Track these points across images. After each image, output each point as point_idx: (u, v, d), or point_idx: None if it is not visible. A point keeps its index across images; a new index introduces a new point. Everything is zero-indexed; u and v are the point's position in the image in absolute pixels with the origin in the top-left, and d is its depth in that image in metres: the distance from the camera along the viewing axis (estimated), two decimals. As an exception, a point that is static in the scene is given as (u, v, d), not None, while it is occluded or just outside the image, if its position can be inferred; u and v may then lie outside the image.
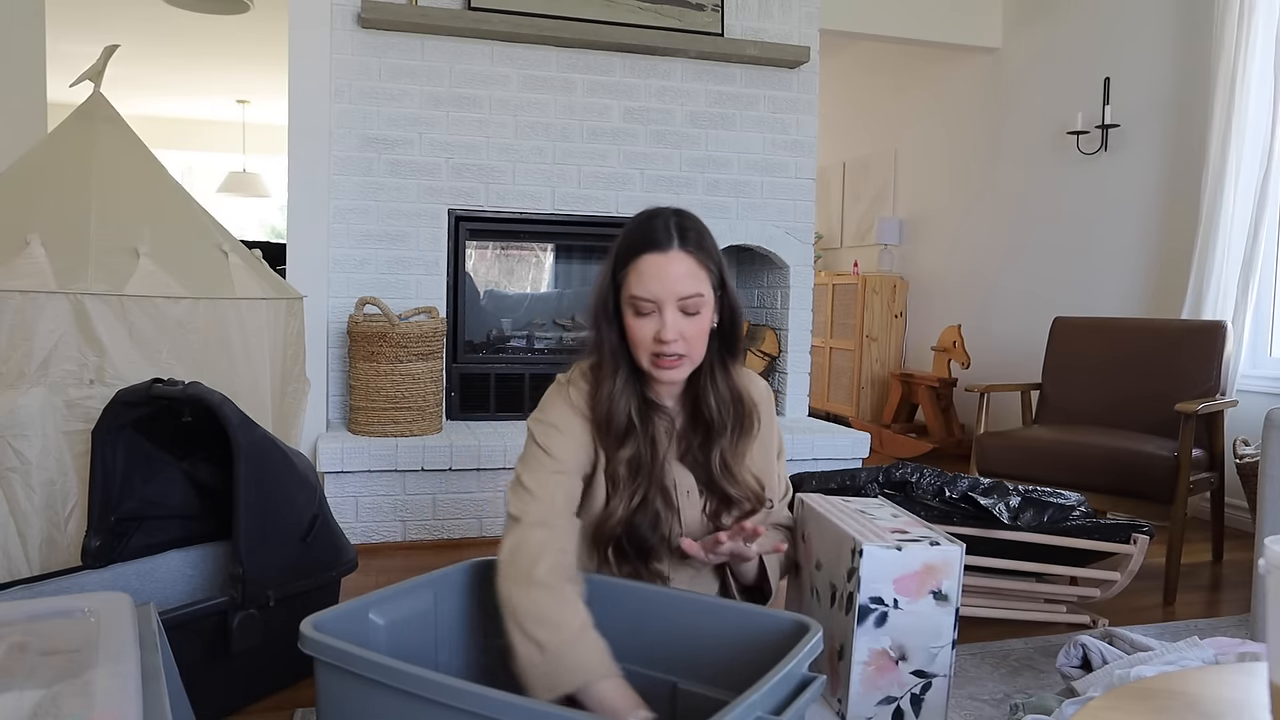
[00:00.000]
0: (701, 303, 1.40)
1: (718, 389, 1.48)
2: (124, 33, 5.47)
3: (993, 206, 4.78)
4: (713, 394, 1.47)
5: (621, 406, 1.43)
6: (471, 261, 3.61)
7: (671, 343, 1.37)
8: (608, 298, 1.44)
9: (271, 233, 8.23)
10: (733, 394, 1.50)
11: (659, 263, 1.37)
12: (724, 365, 1.49)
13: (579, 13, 3.39)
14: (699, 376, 1.48)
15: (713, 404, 1.47)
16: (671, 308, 1.38)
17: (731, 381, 1.50)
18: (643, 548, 1.45)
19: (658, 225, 1.40)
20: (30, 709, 0.82)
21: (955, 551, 1.54)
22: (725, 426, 1.48)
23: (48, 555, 1.93)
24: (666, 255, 1.38)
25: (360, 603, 1.28)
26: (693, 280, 1.38)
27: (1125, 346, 3.13)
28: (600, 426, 1.44)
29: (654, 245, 1.38)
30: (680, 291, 1.37)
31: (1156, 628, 2.25)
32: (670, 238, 1.39)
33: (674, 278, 1.37)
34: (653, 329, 1.38)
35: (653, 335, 1.38)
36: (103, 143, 2.22)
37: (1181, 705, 0.98)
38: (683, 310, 1.38)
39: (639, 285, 1.38)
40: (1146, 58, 3.85)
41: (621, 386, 1.44)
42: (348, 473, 2.92)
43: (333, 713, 1.14)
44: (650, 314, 1.38)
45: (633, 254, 1.40)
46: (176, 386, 1.72)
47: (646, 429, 1.46)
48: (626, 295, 1.40)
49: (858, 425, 4.58)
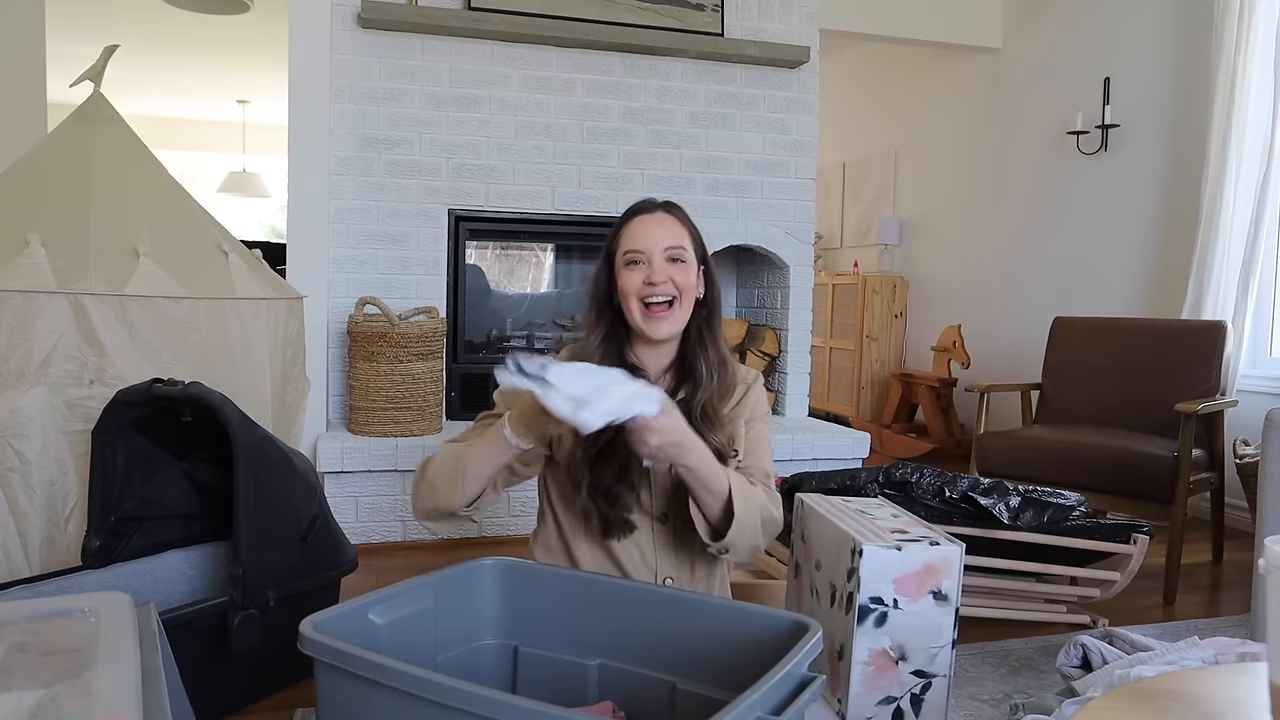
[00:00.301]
0: (685, 255, 1.55)
1: (706, 351, 1.59)
2: (124, 33, 5.47)
3: (993, 206, 4.78)
4: (701, 356, 1.58)
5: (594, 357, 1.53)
6: (472, 259, 3.61)
7: (660, 284, 1.51)
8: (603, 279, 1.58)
9: (271, 233, 8.23)
10: (719, 356, 1.60)
11: (647, 221, 1.56)
12: (711, 329, 1.61)
13: (579, 13, 3.39)
14: (688, 339, 1.59)
15: (701, 365, 1.58)
16: (659, 256, 1.52)
17: (719, 346, 1.61)
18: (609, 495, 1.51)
19: (646, 201, 1.61)
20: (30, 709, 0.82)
21: (955, 551, 1.54)
22: (711, 378, 1.57)
23: (48, 555, 1.93)
24: (654, 215, 1.57)
25: (360, 603, 1.28)
26: (677, 236, 1.55)
27: (1125, 347, 3.13)
28: None
29: (643, 210, 1.59)
30: (666, 242, 1.53)
31: (1156, 628, 2.25)
32: (656, 205, 1.60)
33: (660, 233, 1.54)
34: (642, 275, 1.52)
35: (643, 280, 1.52)
36: (103, 143, 2.22)
37: (1181, 705, 0.98)
38: (669, 259, 1.53)
39: (629, 240, 1.54)
40: (1146, 58, 3.85)
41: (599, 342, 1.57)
42: (348, 473, 2.92)
43: (332, 713, 1.14)
44: (640, 264, 1.53)
45: (625, 220, 1.58)
46: (176, 386, 1.72)
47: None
48: (619, 255, 1.55)
49: (858, 425, 4.58)
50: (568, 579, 1.40)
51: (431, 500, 1.45)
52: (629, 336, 1.58)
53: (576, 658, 1.36)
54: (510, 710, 0.98)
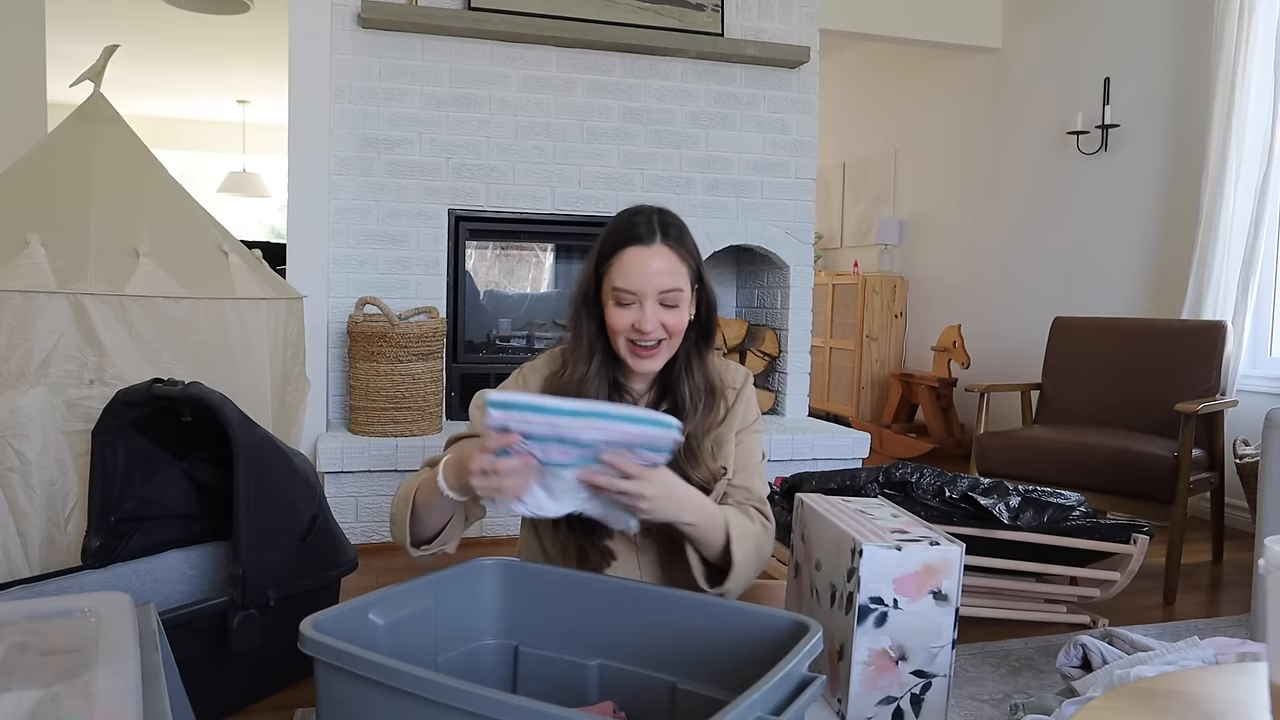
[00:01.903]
0: (680, 297, 1.45)
1: (692, 378, 1.52)
2: (124, 33, 5.47)
3: (993, 206, 4.78)
4: (687, 383, 1.51)
5: (589, 392, 1.48)
6: (471, 261, 3.61)
7: (651, 332, 1.42)
8: (589, 288, 1.49)
9: (271, 233, 8.23)
10: (706, 383, 1.53)
11: (641, 256, 1.42)
12: (699, 355, 1.53)
13: (579, 13, 3.39)
14: (674, 365, 1.52)
15: (686, 392, 1.51)
16: (652, 300, 1.42)
17: (706, 371, 1.54)
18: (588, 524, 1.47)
19: (640, 221, 1.45)
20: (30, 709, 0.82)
21: (955, 551, 1.54)
22: (695, 411, 1.51)
23: (48, 555, 1.93)
24: (649, 249, 1.43)
25: (360, 603, 1.28)
26: (673, 275, 1.44)
27: (1125, 346, 3.13)
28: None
29: (637, 239, 1.43)
30: (661, 285, 1.42)
31: (1156, 628, 2.25)
32: (653, 232, 1.44)
33: (655, 271, 1.42)
34: (632, 319, 1.43)
35: (632, 324, 1.43)
36: (103, 143, 2.22)
37: (1181, 705, 0.98)
38: (662, 303, 1.43)
39: (621, 277, 1.43)
40: (1146, 58, 3.85)
41: (595, 372, 1.49)
42: (348, 473, 2.92)
43: (332, 713, 1.14)
44: (631, 305, 1.43)
45: (617, 247, 1.44)
46: (176, 386, 1.72)
47: None
48: (609, 287, 1.45)
49: (858, 425, 4.58)
50: (568, 579, 1.40)
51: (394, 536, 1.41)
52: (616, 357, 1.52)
53: (576, 658, 1.36)
54: (510, 710, 0.98)
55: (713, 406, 1.53)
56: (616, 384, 1.52)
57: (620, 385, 1.53)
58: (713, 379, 1.54)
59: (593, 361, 1.49)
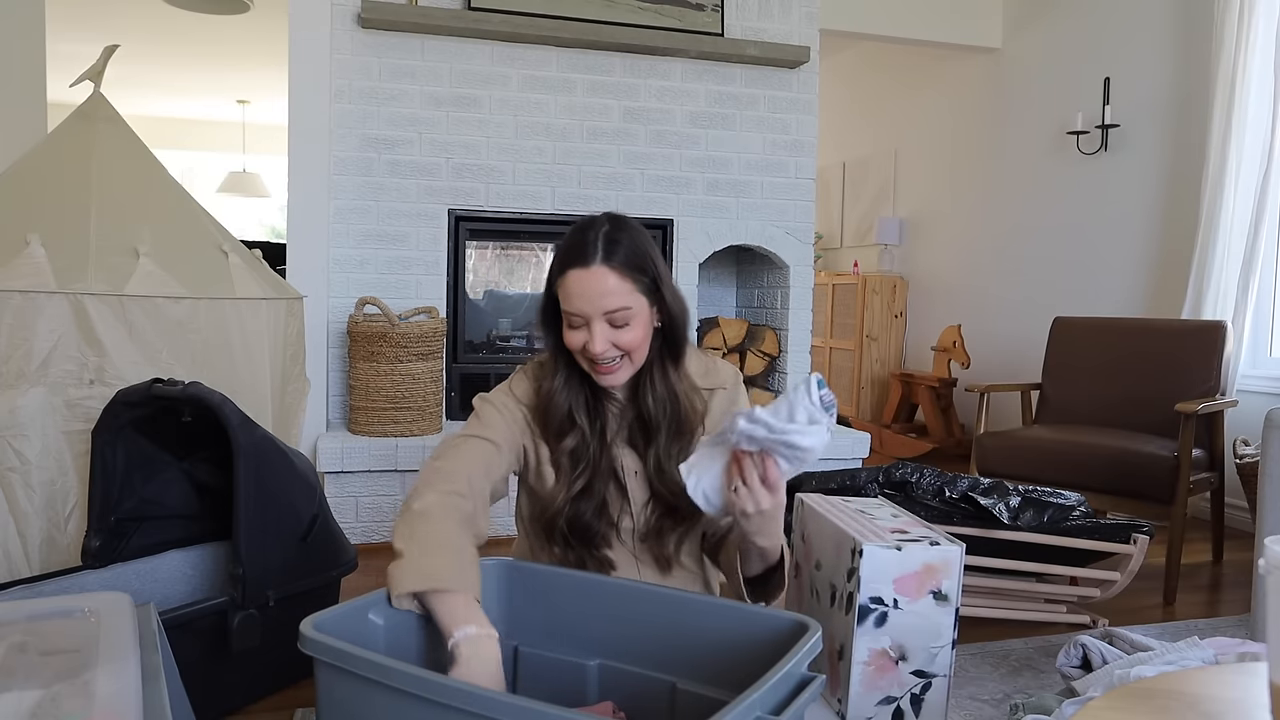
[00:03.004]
0: (630, 315, 1.40)
1: (655, 390, 1.48)
2: (124, 33, 5.47)
3: (993, 206, 4.78)
4: (650, 395, 1.48)
5: (559, 403, 1.48)
6: (471, 261, 3.61)
7: (602, 353, 1.39)
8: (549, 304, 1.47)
9: (271, 233, 8.23)
10: (670, 395, 1.50)
11: (582, 280, 1.38)
12: (664, 367, 1.50)
13: (579, 13, 3.39)
14: (640, 376, 1.49)
15: (650, 404, 1.48)
16: (599, 322, 1.39)
17: (670, 383, 1.50)
18: (586, 534, 1.48)
19: (586, 239, 1.40)
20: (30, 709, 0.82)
21: (955, 551, 1.54)
22: (660, 427, 1.48)
23: (48, 555, 1.93)
24: (589, 271, 1.38)
25: (360, 603, 1.28)
26: (617, 295, 1.38)
27: (1125, 346, 3.13)
28: (539, 420, 1.50)
29: (578, 260, 1.39)
30: (605, 307, 1.38)
31: (1156, 628, 2.25)
32: (595, 253, 1.38)
33: (597, 294, 1.38)
34: (583, 339, 1.40)
35: (582, 345, 1.41)
36: (103, 143, 2.22)
37: (1181, 705, 0.98)
38: (611, 323, 1.39)
39: (566, 301, 1.41)
40: (1146, 58, 3.85)
41: (561, 385, 1.48)
42: (348, 473, 2.92)
43: (332, 713, 1.14)
44: (580, 327, 1.40)
45: (561, 269, 1.41)
46: (176, 386, 1.72)
47: (594, 420, 1.50)
48: (563, 309, 1.42)
49: (858, 425, 4.58)
50: (568, 579, 1.40)
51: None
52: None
53: (576, 658, 1.36)
54: (510, 710, 0.98)
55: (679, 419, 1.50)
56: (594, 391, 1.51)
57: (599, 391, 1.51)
58: (676, 391, 1.50)
59: (558, 375, 1.48)
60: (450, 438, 1.49)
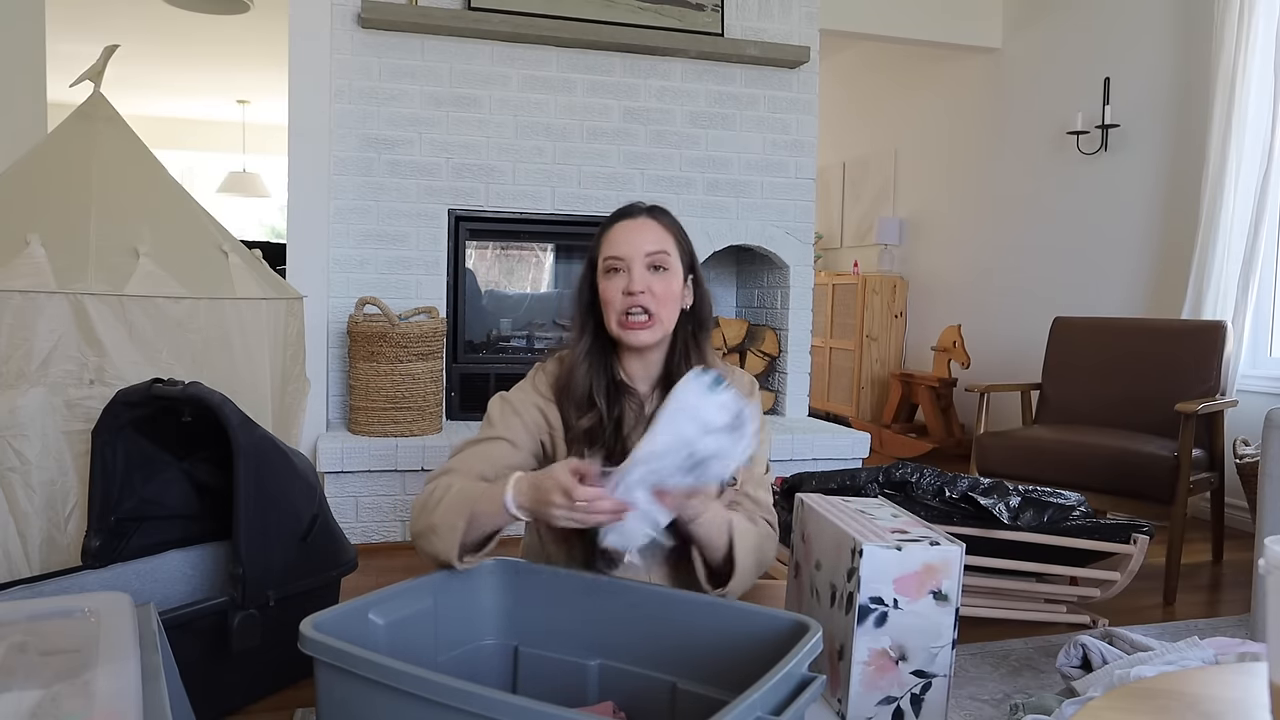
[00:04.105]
0: (668, 260, 1.49)
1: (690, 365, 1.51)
2: (124, 33, 5.46)
3: (993, 206, 4.78)
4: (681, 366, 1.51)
5: (581, 376, 1.51)
6: (471, 261, 3.61)
7: (639, 294, 1.45)
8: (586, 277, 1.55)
9: (271, 233, 8.23)
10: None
11: (629, 226, 1.50)
12: (697, 343, 1.55)
13: (579, 13, 3.39)
14: (673, 355, 1.54)
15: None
16: (639, 264, 1.47)
17: (705, 359, 1.54)
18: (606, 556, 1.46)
19: (634, 205, 1.55)
20: (30, 709, 0.82)
21: (955, 551, 1.54)
22: None
23: (48, 555, 1.93)
24: (636, 220, 1.51)
25: (360, 603, 1.28)
26: (658, 240, 1.49)
27: (1125, 346, 3.13)
28: (560, 395, 1.53)
29: (626, 215, 1.53)
30: (647, 247, 1.48)
31: (1156, 628, 2.25)
32: (642, 209, 1.53)
33: (641, 239, 1.48)
34: (622, 284, 1.47)
35: (621, 289, 1.47)
36: (103, 143, 2.22)
37: (1181, 705, 0.98)
38: (650, 266, 1.48)
39: (610, 246, 1.49)
40: (1146, 58, 3.85)
41: (584, 358, 1.52)
42: (348, 473, 2.92)
43: (332, 713, 1.14)
44: (620, 271, 1.48)
45: (607, 226, 1.53)
46: (176, 386, 1.72)
47: (612, 408, 1.52)
48: (601, 263, 1.50)
49: (858, 425, 4.58)
50: (568, 579, 1.40)
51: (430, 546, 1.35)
52: (615, 347, 1.54)
53: (576, 658, 1.36)
54: (511, 710, 0.98)
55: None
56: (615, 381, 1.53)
57: (621, 384, 1.53)
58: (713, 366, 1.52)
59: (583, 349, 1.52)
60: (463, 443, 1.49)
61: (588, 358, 1.52)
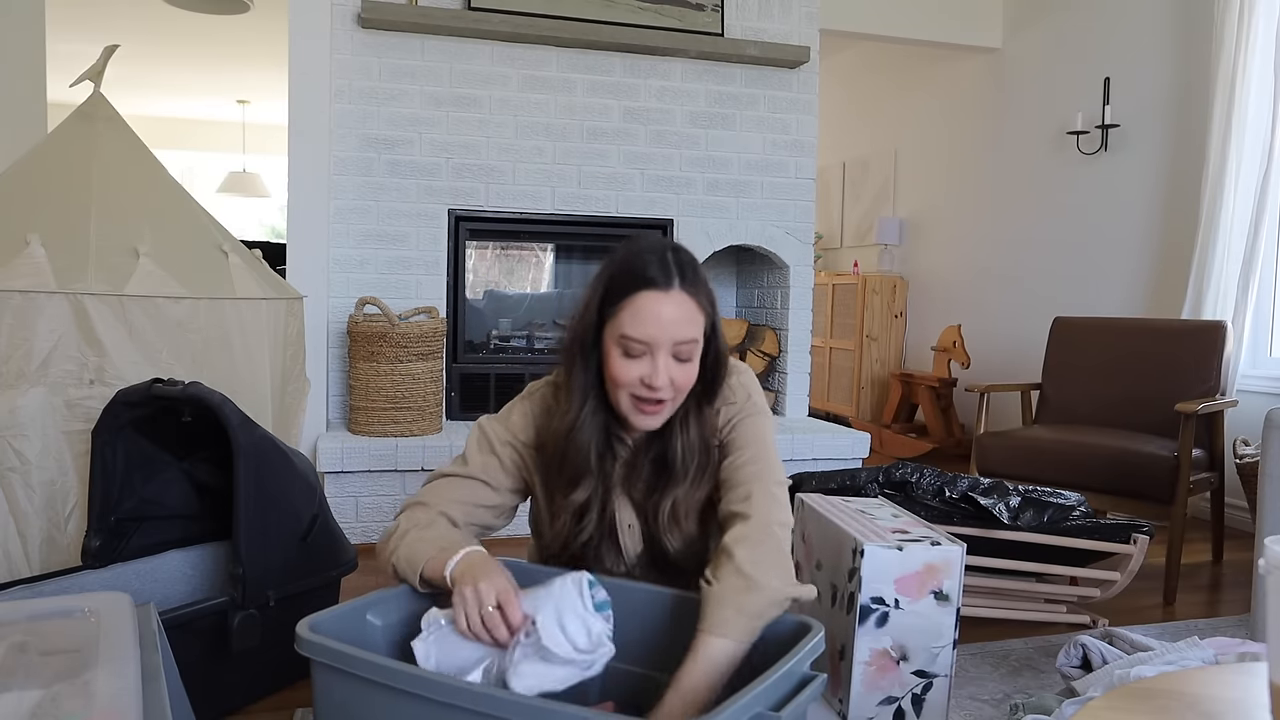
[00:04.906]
0: (694, 350, 1.31)
1: (688, 435, 1.37)
2: (124, 33, 5.47)
3: (993, 206, 4.78)
4: (681, 440, 1.36)
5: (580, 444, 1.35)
6: (471, 261, 3.61)
7: (660, 389, 1.28)
8: (590, 329, 1.33)
9: (271, 233, 8.23)
10: (702, 441, 1.38)
11: (658, 301, 1.27)
12: (699, 411, 1.38)
13: (579, 13, 3.39)
14: (671, 420, 1.37)
15: (679, 450, 1.37)
16: (665, 352, 1.28)
17: (704, 427, 1.38)
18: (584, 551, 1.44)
19: (654, 260, 1.29)
20: (30, 709, 0.82)
21: (956, 551, 1.54)
22: (686, 475, 1.37)
23: (48, 555, 1.93)
24: (667, 294, 1.27)
25: (358, 604, 1.28)
26: (690, 324, 1.29)
27: (1125, 346, 3.13)
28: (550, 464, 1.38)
29: (652, 282, 1.27)
30: (677, 336, 1.28)
31: (1156, 628, 2.25)
32: (670, 275, 1.28)
33: (672, 321, 1.27)
34: (640, 372, 1.28)
35: (639, 378, 1.28)
36: (103, 143, 2.22)
37: (1181, 705, 0.98)
38: (675, 356, 1.29)
39: (634, 325, 1.27)
40: (1146, 58, 3.85)
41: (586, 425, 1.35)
42: (348, 473, 2.92)
43: (330, 713, 1.14)
44: (640, 356, 1.28)
45: (628, 289, 1.28)
46: (176, 386, 1.72)
47: (603, 467, 1.39)
48: (616, 333, 1.29)
49: (858, 425, 4.58)
50: (568, 579, 1.39)
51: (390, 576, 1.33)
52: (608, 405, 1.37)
53: (577, 658, 1.35)
54: (512, 708, 0.98)
55: (706, 466, 1.39)
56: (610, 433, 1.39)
57: (615, 435, 1.40)
58: (708, 439, 1.39)
59: (583, 411, 1.35)
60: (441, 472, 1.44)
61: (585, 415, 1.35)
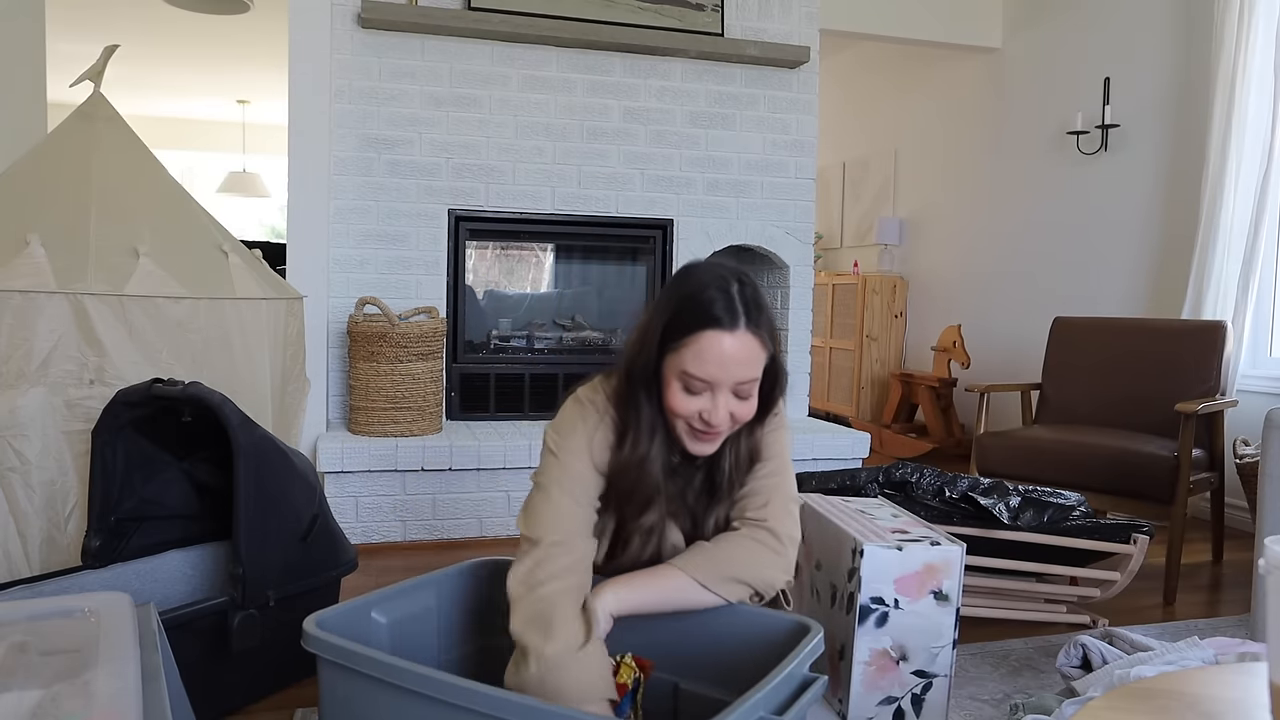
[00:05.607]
0: (754, 387, 1.31)
1: (739, 450, 1.38)
2: (124, 33, 5.47)
3: (993, 206, 4.78)
4: (729, 460, 1.38)
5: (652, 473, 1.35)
6: (471, 261, 3.61)
7: (718, 425, 1.29)
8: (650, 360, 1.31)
9: (271, 233, 8.23)
10: (751, 456, 1.40)
11: (723, 343, 1.26)
12: (750, 429, 1.39)
13: (579, 13, 3.39)
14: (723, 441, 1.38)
15: (727, 466, 1.38)
16: (725, 391, 1.28)
17: (754, 443, 1.40)
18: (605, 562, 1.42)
19: (720, 298, 1.27)
20: (30, 709, 0.82)
21: (956, 551, 1.54)
22: (732, 491, 1.40)
23: (48, 555, 1.93)
24: (735, 335, 1.26)
25: (362, 601, 1.28)
26: (753, 365, 1.29)
27: (1125, 346, 3.13)
28: (623, 491, 1.37)
29: (718, 322, 1.26)
30: (739, 377, 1.27)
31: (1156, 628, 2.25)
32: (737, 315, 1.26)
33: (736, 362, 1.26)
34: (700, 406, 1.29)
35: (698, 412, 1.29)
36: (103, 143, 2.22)
37: (1181, 705, 0.98)
38: (735, 394, 1.29)
39: (696, 364, 1.26)
40: (1146, 58, 3.85)
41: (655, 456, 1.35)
42: (348, 473, 2.92)
43: (335, 711, 1.14)
44: (701, 393, 1.28)
45: (692, 327, 1.27)
46: (176, 386, 1.72)
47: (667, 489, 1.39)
48: (677, 367, 1.28)
49: (858, 425, 4.58)
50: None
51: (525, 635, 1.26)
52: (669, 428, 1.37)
53: (577, 658, 1.35)
54: (514, 708, 0.98)
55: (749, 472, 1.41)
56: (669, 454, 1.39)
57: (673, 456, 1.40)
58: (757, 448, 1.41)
59: (653, 447, 1.34)
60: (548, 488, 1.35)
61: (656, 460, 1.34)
